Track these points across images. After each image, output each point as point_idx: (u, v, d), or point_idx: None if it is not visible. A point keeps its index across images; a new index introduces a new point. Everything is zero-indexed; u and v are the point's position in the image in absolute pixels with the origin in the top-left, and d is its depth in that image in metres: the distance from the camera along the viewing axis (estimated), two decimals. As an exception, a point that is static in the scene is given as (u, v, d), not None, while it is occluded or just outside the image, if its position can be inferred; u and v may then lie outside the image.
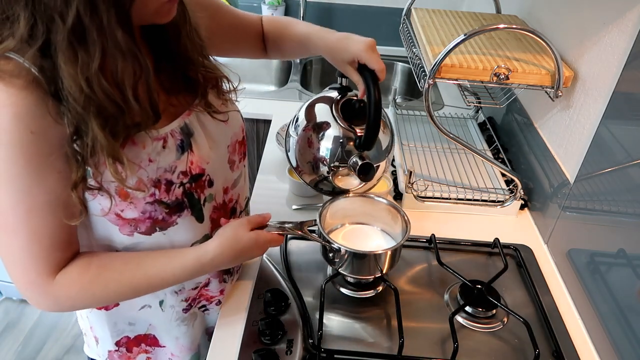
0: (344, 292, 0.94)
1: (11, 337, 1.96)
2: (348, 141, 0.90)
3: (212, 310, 0.91)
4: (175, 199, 0.72)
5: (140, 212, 0.70)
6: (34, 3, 0.53)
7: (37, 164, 0.60)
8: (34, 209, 0.62)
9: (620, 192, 0.85)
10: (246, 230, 0.76)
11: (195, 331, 0.90)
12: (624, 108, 0.87)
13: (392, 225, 0.95)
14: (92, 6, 0.54)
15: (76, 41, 0.55)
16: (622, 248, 0.83)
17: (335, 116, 0.90)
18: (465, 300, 0.91)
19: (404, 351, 0.81)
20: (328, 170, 0.92)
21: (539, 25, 1.24)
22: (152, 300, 0.83)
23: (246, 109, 1.63)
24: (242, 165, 0.88)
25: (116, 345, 0.87)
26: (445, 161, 1.32)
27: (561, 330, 0.89)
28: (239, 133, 0.84)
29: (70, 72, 0.56)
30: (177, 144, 0.71)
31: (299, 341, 0.83)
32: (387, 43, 2.08)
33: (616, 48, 0.90)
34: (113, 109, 0.60)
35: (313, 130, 0.92)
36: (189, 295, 0.85)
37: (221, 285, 0.89)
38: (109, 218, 0.70)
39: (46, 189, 0.62)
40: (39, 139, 0.59)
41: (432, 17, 1.26)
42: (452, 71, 1.00)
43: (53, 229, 0.64)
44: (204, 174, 0.75)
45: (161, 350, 0.89)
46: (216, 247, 0.74)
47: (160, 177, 0.69)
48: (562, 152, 1.07)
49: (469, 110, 1.55)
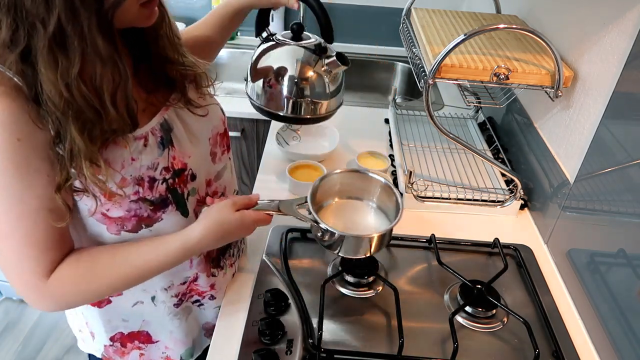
0: (344, 292, 0.94)
1: (11, 337, 1.96)
2: (310, 53, 0.97)
3: (207, 305, 0.92)
4: (159, 195, 0.73)
5: (126, 211, 0.71)
6: (15, 9, 0.54)
7: (25, 169, 0.61)
8: (25, 214, 0.63)
9: (620, 192, 0.85)
10: (231, 211, 0.76)
11: (189, 325, 0.91)
12: (624, 108, 0.87)
13: (386, 203, 0.93)
14: (73, 13, 0.55)
15: (57, 47, 0.56)
16: (622, 248, 0.83)
17: (288, 42, 0.98)
18: (465, 300, 0.91)
19: (404, 351, 0.81)
20: (302, 87, 0.97)
21: (539, 25, 1.24)
22: (144, 297, 0.84)
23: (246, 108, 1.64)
24: (227, 158, 0.89)
25: (110, 340, 0.88)
26: (445, 161, 1.32)
27: (561, 330, 0.89)
28: (219, 126, 0.85)
29: (50, 78, 0.57)
30: (157, 141, 0.72)
31: (299, 341, 0.83)
32: (387, 43, 2.08)
33: (616, 48, 0.90)
34: (91, 114, 0.61)
35: (278, 72, 0.98)
36: (178, 291, 0.86)
37: (210, 279, 0.89)
38: (97, 218, 0.71)
39: (36, 194, 0.62)
40: (25, 145, 0.59)
41: (432, 17, 1.26)
42: (452, 71, 1.00)
43: (45, 231, 0.65)
44: (186, 168, 0.77)
45: (154, 347, 0.90)
46: (201, 230, 0.73)
47: (142, 175, 0.70)
48: (562, 152, 1.07)
49: (469, 110, 1.55)
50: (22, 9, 0.54)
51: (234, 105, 1.64)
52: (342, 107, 1.08)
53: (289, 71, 0.97)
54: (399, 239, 1.06)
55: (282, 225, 1.07)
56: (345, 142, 1.43)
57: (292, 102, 0.99)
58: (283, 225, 1.07)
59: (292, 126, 1.43)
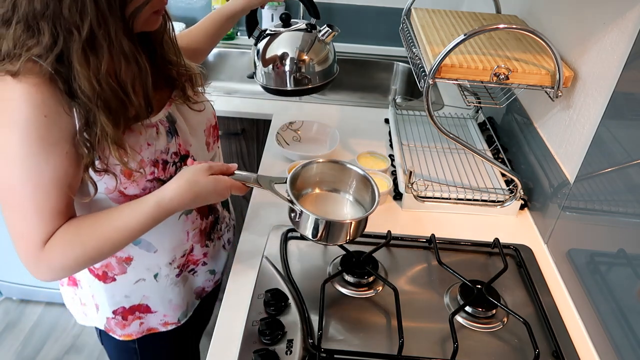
0: (344, 292, 0.94)
1: (11, 337, 1.96)
2: (304, 33, 1.14)
3: (199, 272, 1.03)
4: (170, 176, 0.84)
5: (142, 189, 0.81)
6: (55, 18, 0.65)
7: (47, 144, 0.69)
8: (41, 185, 0.71)
9: (620, 192, 0.85)
10: (205, 174, 0.80)
11: (185, 291, 1.01)
12: (624, 108, 0.87)
13: (364, 195, 0.93)
14: (103, 20, 0.67)
15: (89, 48, 0.67)
16: (622, 248, 0.83)
17: (282, 30, 1.14)
18: (465, 300, 0.91)
19: (404, 351, 0.81)
20: (302, 59, 1.13)
21: (539, 25, 1.24)
22: (147, 275, 0.93)
23: (246, 108, 1.65)
24: (216, 147, 1.02)
25: (113, 313, 0.96)
26: (445, 161, 1.32)
27: (561, 330, 0.89)
28: (211, 119, 0.98)
29: (84, 74, 0.68)
30: (166, 130, 0.84)
31: (298, 341, 0.83)
32: (387, 43, 2.08)
33: (616, 48, 0.90)
34: (117, 103, 0.72)
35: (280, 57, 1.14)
36: (179, 263, 0.96)
37: (203, 249, 1.00)
38: (113, 196, 0.80)
39: (54, 167, 0.71)
40: (51, 123, 0.69)
41: (432, 17, 1.26)
42: (452, 71, 1.00)
43: (55, 203, 0.73)
44: (189, 154, 0.88)
45: (153, 316, 0.99)
46: (174, 188, 0.79)
47: (157, 158, 0.82)
48: (562, 152, 1.07)
49: (469, 110, 1.55)
50: (60, 17, 0.65)
51: (234, 105, 1.64)
52: (342, 107, 1.15)
53: (291, 53, 1.12)
54: (399, 239, 1.06)
55: (282, 225, 1.07)
56: (345, 142, 1.43)
57: (298, 75, 1.15)
58: (283, 225, 1.07)
59: (292, 126, 1.43)
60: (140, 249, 0.90)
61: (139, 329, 1.00)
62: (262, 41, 1.14)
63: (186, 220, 0.93)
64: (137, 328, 0.99)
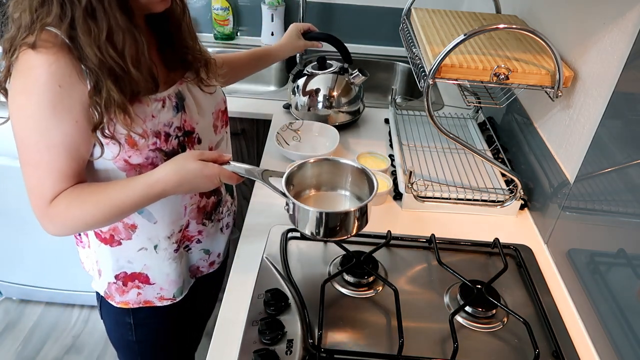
0: (344, 292, 0.94)
1: (11, 337, 1.96)
2: (341, 73, 1.50)
3: (193, 249, 1.07)
4: (172, 148, 0.89)
5: (144, 158, 0.86)
6: None
7: (59, 109, 0.76)
8: (51, 146, 0.78)
9: (620, 192, 0.85)
10: (193, 160, 0.83)
11: (181, 267, 1.05)
12: (624, 108, 0.87)
13: (362, 188, 0.92)
14: None
15: (89, 17, 0.73)
16: (622, 248, 0.83)
17: (322, 72, 1.49)
18: (465, 300, 0.91)
19: (404, 351, 0.81)
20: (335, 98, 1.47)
21: (539, 25, 1.24)
22: (149, 244, 0.97)
23: (246, 108, 1.64)
24: (225, 132, 1.07)
25: (115, 278, 1.01)
26: (445, 161, 1.32)
27: (561, 330, 0.89)
28: (221, 103, 1.04)
29: (87, 41, 0.74)
30: (173, 105, 0.89)
31: (298, 341, 0.83)
32: (387, 43, 2.08)
33: (616, 48, 0.90)
34: (120, 71, 0.78)
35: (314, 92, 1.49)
36: (177, 238, 1.00)
37: (199, 226, 1.04)
38: (119, 165, 0.86)
39: (63, 133, 0.78)
40: (64, 92, 0.76)
41: (432, 17, 1.26)
42: (452, 71, 1.00)
43: (64, 164, 0.80)
44: (194, 132, 0.94)
45: (150, 287, 1.03)
46: (162, 171, 0.82)
47: (160, 130, 0.87)
48: (562, 152, 1.07)
49: (469, 110, 1.55)
50: None
51: (234, 105, 1.64)
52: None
53: (323, 90, 1.46)
54: (399, 239, 1.06)
55: (282, 225, 1.07)
56: (345, 142, 1.43)
57: (331, 111, 1.49)
58: (283, 225, 1.07)
59: (292, 126, 1.43)
60: (143, 219, 0.94)
61: (137, 298, 1.03)
62: (302, 79, 1.49)
63: (184, 195, 0.97)
64: (134, 297, 1.03)
